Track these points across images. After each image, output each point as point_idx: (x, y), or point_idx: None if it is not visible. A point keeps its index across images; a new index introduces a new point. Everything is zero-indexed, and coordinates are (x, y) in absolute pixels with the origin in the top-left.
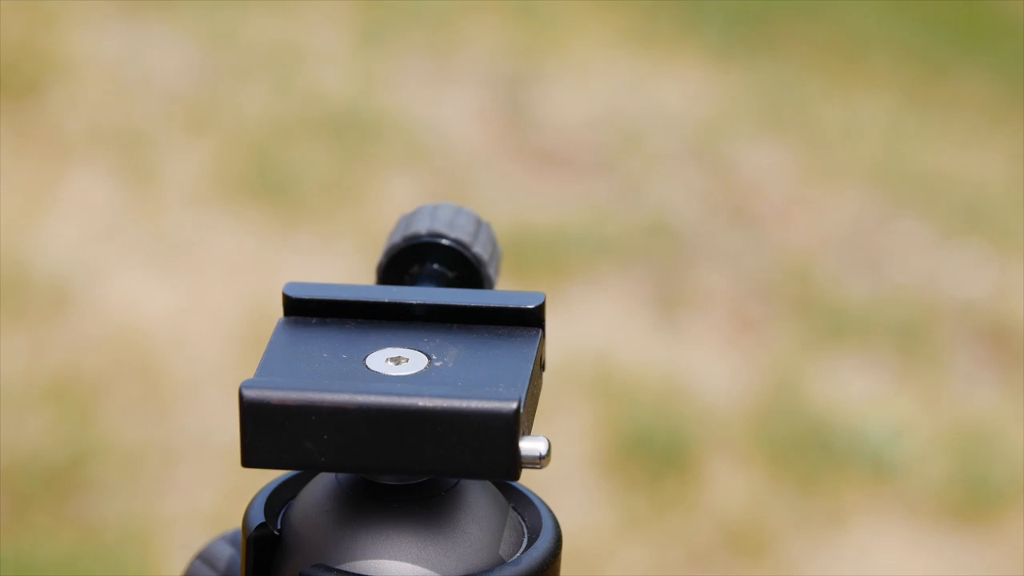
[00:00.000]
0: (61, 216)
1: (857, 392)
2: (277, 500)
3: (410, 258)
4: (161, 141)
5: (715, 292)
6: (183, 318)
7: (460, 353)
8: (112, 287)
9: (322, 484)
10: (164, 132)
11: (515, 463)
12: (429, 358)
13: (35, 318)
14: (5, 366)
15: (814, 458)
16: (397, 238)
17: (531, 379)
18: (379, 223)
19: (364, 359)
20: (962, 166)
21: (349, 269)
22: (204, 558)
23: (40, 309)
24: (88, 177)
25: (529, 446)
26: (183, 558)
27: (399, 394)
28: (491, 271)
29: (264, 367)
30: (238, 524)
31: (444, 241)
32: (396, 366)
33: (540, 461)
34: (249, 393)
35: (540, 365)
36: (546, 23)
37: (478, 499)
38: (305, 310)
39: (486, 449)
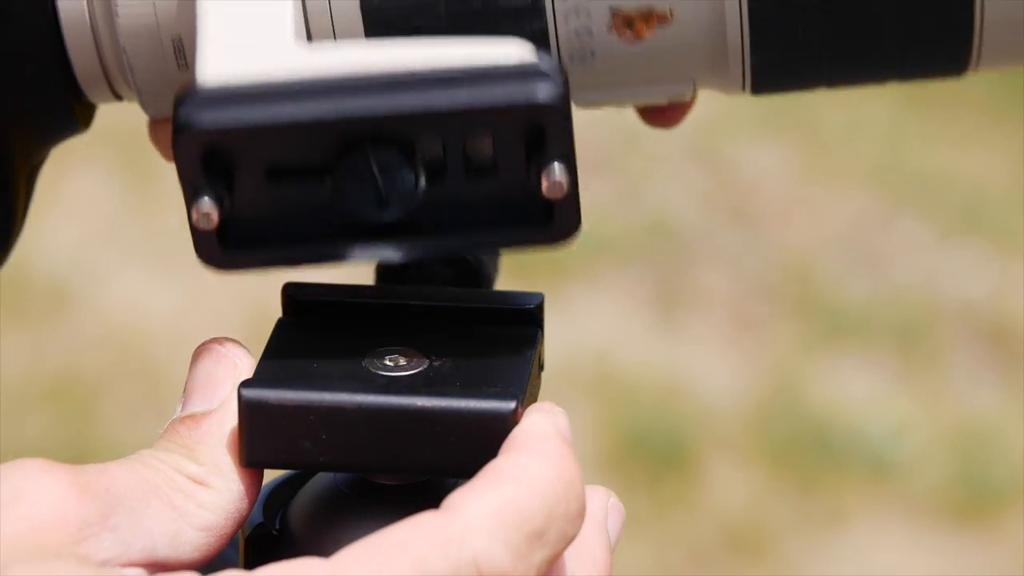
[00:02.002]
0: (61, 216)
1: (857, 392)
2: (276, 500)
3: None
4: None
5: (715, 292)
6: (183, 318)
7: (459, 353)
8: (112, 287)
9: (321, 484)
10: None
11: None
12: (428, 358)
13: (35, 318)
14: (5, 366)
15: (814, 458)
16: None
17: (530, 379)
18: None
19: (363, 359)
20: (962, 166)
21: (349, 269)
22: None
23: (40, 309)
24: (88, 177)
25: None
26: None
27: (397, 394)
28: (490, 271)
29: (263, 367)
30: None
31: None
32: (395, 366)
33: None
34: (248, 393)
35: (539, 365)
36: None
37: None
38: (304, 310)
39: (485, 450)
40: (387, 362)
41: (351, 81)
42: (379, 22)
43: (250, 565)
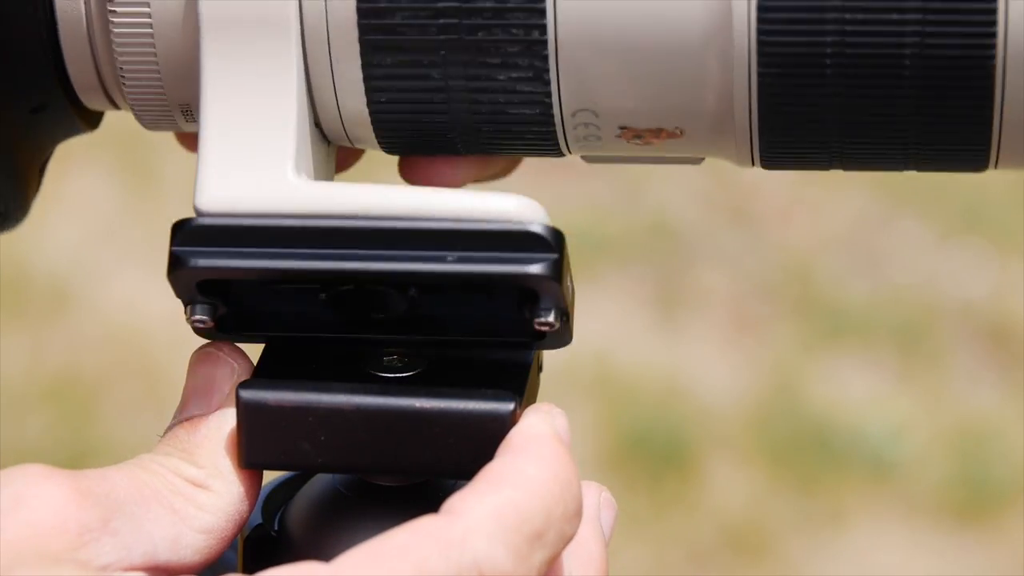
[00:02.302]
0: (61, 216)
1: (857, 392)
2: (274, 501)
3: None
4: (161, 141)
5: (715, 292)
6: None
7: (458, 355)
8: (112, 287)
9: (319, 485)
10: (164, 132)
11: None
12: (426, 359)
13: (35, 318)
14: (5, 366)
15: (814, 458)
16: None
17: (529, 380)
18: None
19: (361, 360)
20: None
21: None
22: None
23: (40, 309)
24: (88, 177)
25: None
26: None
27: (396, 396)
28: None
29: (261, 368)
30: None
31: None
32: (393, 367)
33: None
34: (246, 395)
35: (538, 366)
36: None
37: None
38: None
39: (484, 451)
40: (385, 363)
41: (347, 231)
42: (390, 127)
43: (249, 566)
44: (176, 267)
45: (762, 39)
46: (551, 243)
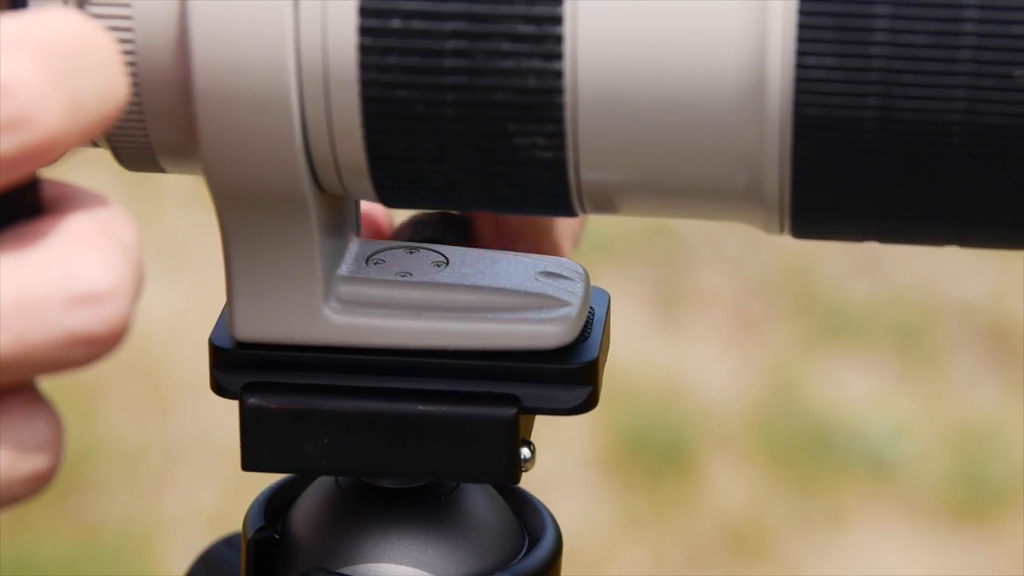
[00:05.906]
0: None
1: (857, 392)
2: (277, 503)
3: None
4: None
5: (715, 292)
6: (183, 318)
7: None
8: None
9: (322, 487)
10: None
11: (515, 467)
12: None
13: None
14: None
15: (814, 458)
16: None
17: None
18: None
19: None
20: None
21: None
22: (205, 561)
23: None
24: (88, 177)
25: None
26: (183, 558)
27: (399, 399)
28: None
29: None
30: (238, 525)
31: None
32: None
33: (524, 464)
34: (249, 399)
35: None
36: None
37: (478, 502)
38: None
39: (486, 453)
40: None
41: (379, 368)
42: (391, 187)
43: (252, 568)
44: (217, 392)
45: (799, 100)
46: (588, 376)
